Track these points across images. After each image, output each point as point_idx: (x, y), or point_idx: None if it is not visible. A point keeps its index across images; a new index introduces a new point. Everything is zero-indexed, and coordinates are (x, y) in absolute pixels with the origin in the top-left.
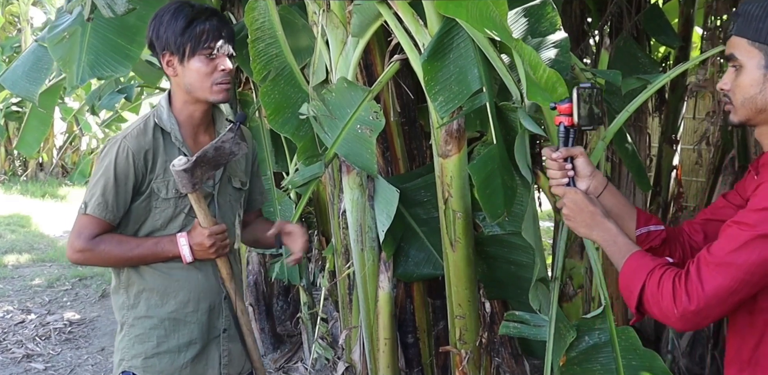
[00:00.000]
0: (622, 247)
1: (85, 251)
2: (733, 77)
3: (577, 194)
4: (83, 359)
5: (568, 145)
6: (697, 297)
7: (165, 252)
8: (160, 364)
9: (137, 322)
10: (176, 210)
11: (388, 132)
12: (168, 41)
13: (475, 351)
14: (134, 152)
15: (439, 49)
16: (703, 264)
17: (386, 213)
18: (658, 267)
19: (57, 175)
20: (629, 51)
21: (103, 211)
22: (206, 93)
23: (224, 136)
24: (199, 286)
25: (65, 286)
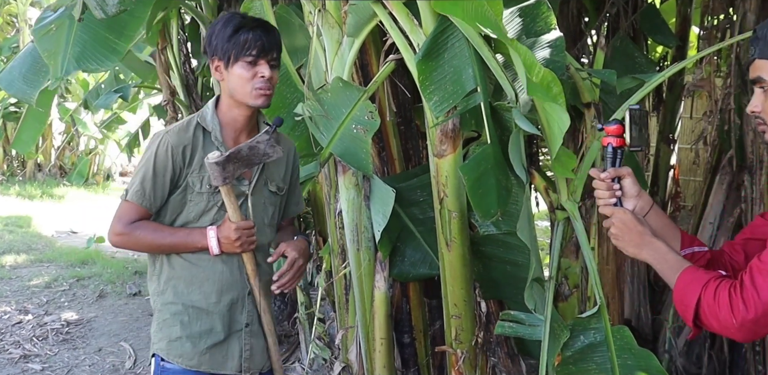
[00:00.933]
0: (674, 264)
1: (123, 235)
2: (763, 99)
3: (626, 214)
4: (80, 360)
5: (616, 165)
6: (755, 305)
7: (195, 242)
8: (181, 347)
9: (164, 308)
10: (209, 204)
11: (383, 132)
12: (216, 47)
13: (471, 351)
14: (173, 146)
15: (434, 49)
16: (756, 272)
17: (382, 213)
18: (712, 279)
19: (55, 176)
20: (626, 51)
21: (140, 198)
22: (246, 97)
23: (260, 137)
24: (223, 278)
25: (63, 287)
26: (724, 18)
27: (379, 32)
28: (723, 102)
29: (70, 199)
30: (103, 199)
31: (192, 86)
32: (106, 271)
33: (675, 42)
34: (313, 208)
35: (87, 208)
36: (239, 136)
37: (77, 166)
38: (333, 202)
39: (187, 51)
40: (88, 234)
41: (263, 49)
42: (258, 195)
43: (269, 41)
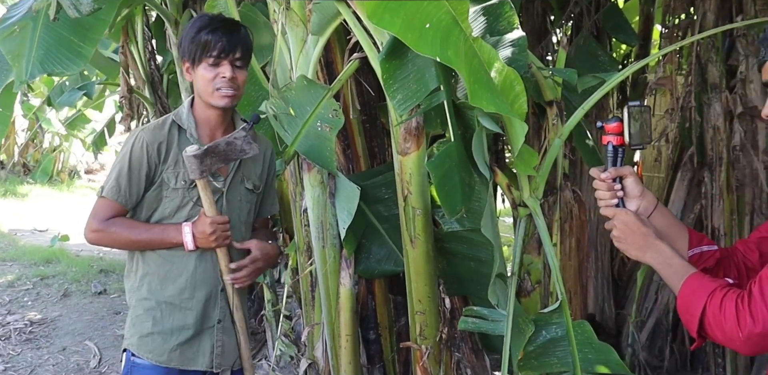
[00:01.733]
0: (679, 270)
1: (99, 231)
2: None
3: (628, 215)
4: (44, 359)
5: (617, 164)
6: (763, 318)
7: (170, 238)
8: (152, 343)
9: (138, 304)
10: (184, 200)
11: (348, 129)
12: (184, 49)
13: (436, 346)
14: (149, 143)
15: (397, 48)
16: (765, 283)
17: (347, 210)
18: (719, 288)
19: (18, 173)
20: (589, 49)
21: (116, 195)
22: (209, 98)
23: (237, 133)
24: (197, 275)
25: (26, 286)
26: (685, 17)
27: (343, 31)
28: (684, 100)
29: (33, 197)
30: (68, 197)
31: (157, 83)
32: (70, 270)
33: (637, 41)
34: (279, 205)
35: (51, 206)
36: (214, 133)
37: (41, 163)
38: (299, 199)
39: (152, 48)
40: (52, 232)
41: (224, 49)
42: (234, 192)
43: (231, 41)
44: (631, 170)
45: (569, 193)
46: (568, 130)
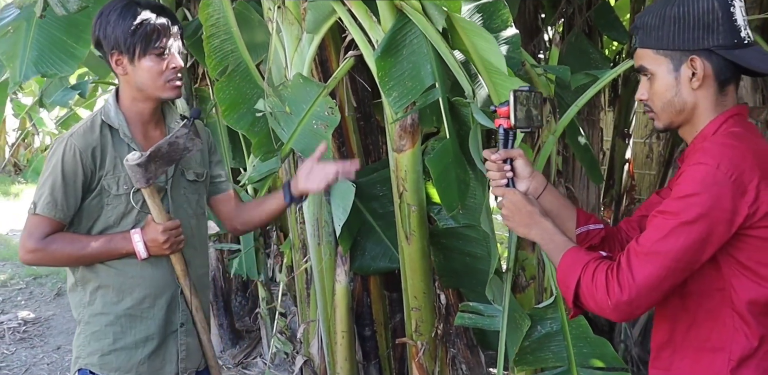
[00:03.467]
0: (559, 244)
1: (37, 251)
2: (648, 86)
3: (516, 195)
4: (38, 358)
5: (508, 146)
6: (629, 287)
7: (119, 249)
8: (116, 360)
9: (93, 320)
10: (128, 206)
11: (343, 127)
12: (117, 41)
13: (431, 342)
14: (81, 150)
15: (393, 46)
16: (632, 255)
17: (342, 207)
18: (591, 261)
19: (9, 173)
20: (580, 47)
21: (52, 211)
22: (158, 91)
23: (178, 131)
24: (155, 282)
25: (19, 285)
26: None
27: (338, 29)
28: None
29: (25, 197)
30: None
31: None
32: (63, 269)
33: (628, 38)
34: None
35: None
36: (147, 128)
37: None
38: None
39: None
40: None
41: (171, 38)
42: (177, 188)
43: (177, 29)
44: (520, 152)
45: (563, 189)
46: (562, 127)
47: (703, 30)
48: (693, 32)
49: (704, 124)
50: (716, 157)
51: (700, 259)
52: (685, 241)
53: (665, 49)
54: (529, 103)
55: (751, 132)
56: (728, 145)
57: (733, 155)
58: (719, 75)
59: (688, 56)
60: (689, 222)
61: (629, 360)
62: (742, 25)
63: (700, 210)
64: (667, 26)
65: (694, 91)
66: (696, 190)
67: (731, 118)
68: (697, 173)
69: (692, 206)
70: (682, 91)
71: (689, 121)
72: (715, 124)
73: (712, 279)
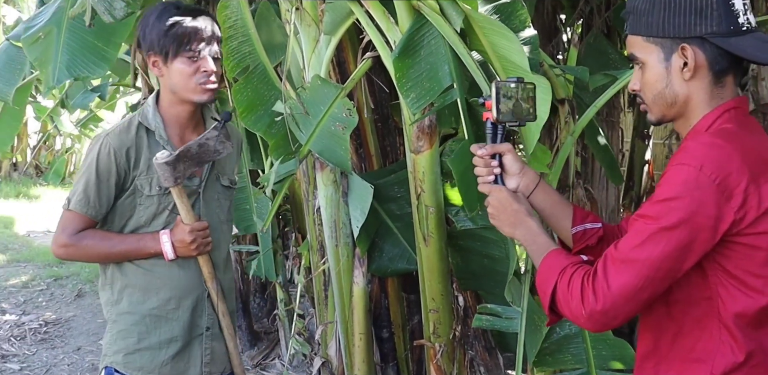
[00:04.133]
0: (542, 246)
1: (69, 246)
2: (639, 76)
3: (502, 192)
4: (59, 359)
5: (496, 141)
6: (603, 296)
7: (147, 248)
8: (140, 360)
9: (120, 318)
10: (159, 207)
11: (361, 129)
12: (153, 42)
13: (449, 344)
14: (116, 149)
15: (410, 46)
16: (609, 261)
17: (360, 209)
18: (569, 266)
19: (31, 175)
20: (599, 47)
21: (84, 207)
22: (189, 93)
23: (208, 133)
24: (181, 283)
25: (40, 287)
26: None
27: (355, 30)
28: None
29: (46, 199)
30: None
31: None
32: (83, 271)
33: None
34: (291, 205)
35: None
36: (185, 132)
37: (53, 165)
38: (311, 198)
39: None
40: None
41: (203, 42)
42: (210, 192)
43: (209, 33)
44: (509, 147)
45: (581, 190)
46: (580, 128)
47: (696, 15)
48: (684, 18)
49: (698, 118)
50: (699, 158)
51: (681, 267)
52: (665, 248)
53: (655, 37)
54: (517, 95)
55: (747, 128)
56: (713, 145)
57: (718, 156)
58: (714, 65)
59: (678, 44)
60: (669, 228)
61: None
62: (740, 9)
63: (681, 215)
64: (657, 11)
65: (686, 82)
66: (677, 194)
67: (727, 112)
68: (678, 175)
69: (673, 211)
70: (673, 82)
71: (682, 114)
72: (709, 119)
73: (698, 287)
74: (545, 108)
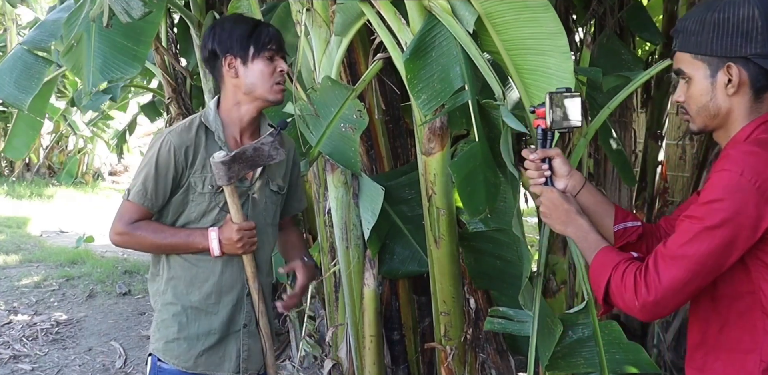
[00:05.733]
0: (593, 244)
1: (124, 234)
2: (685, 89)
3: (553, 193)
4: (70, 359)
5: (546, 146)
6: (655, 288)
7: (196, 243)
8: (178, 349)
9: (164, 308)
10: (210, 205)
11: (372, 130)
12: (232, 44)
13: (460, 347)
14: (176, 146)
15: (422, 47)
16: (659, 257)
17: (371, 211)
18: (622, 261)
19: (44, 175)
20: (613, 48)
21: (142, 199)
22: (266, 92)
23: (264, 138)
24: (223, 279)
25: (52, 287)
26: None
27: (366, 31)
28: None
29: (59, 199)
30: (92, 199)
31: (181, 85)
32: (95, 271)
33: (661, 39)
34: None
35: (76, 207)
36: (242, 136)
37: (66, 165)
38: (322, 200)
39: (175, 50)
40: (77, 234)
41: (280, 44)
42: (260, 195)
43: (281, 38)
44: (558, 151)
45: None
46: (593, 130)
47: (742, 37)
48: (731, 39)
49: (737, 129)
50: (740, 164)
51: (725, 263)
52: (709, 245)
53: (703, 55)
54: (564, 104)
55: None
56: (752, 153)
57: (757, 162)
58: (755, 83)
59: (725, 63)
60: (713, 227)
61: (662, 365)
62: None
63: (724, 215)
64: (707, 32)
65: (729, 97)
66: (720, 196)
67: (764, 124)
68: (721, 180)
69: (716, 212)
70: (717, 96)
71: (723, 125)
72: (747, 130)
73: (741, 282)
74: None
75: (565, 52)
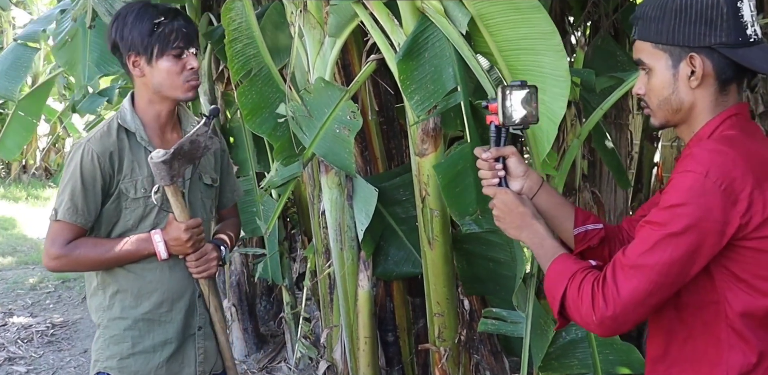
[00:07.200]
0: (549, 250)
1: (61, 257)
2: (646, 81)
3: (507, 195)
4: (65, 362)
5: (500, 144)
6: (614, 302)
7: (140, 250)
8: (135, 364)
9: (112, 324)
10: (146, 209)
11: (366, 131)
12: (134, 42)
13: (454, 348)
14: (99, 154)
15: (415, 49)
16: (618, 267)
17: (365, 212)
18: (579, 271)
19: (40, 177)
20: (608, 49)
21: (73, 216)
22: (176, 91)
23: (198, 129)
24: (172, 286)
25: (48, 289)
26: None
27: (360, 32)
28: None
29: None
30: None
31: None
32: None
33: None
34: (298, 207)
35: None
36: (164, 131)
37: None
38: (316, 201)
39: None
40: None
41: (188, 40)
42: (194, 191)
43: (191, 31)
44: (513, 150)
45: (588, 193)
46: (587, 131)
47: (705, 25)
48: (694, 27)
49: (701, 124)
50: (705, 165)
51: (689, 272)
52: (672, 253)
53: (664, 44)
54: (521, 99)
55: (749, 133)
56: (718, 151)
57: (723, 162)
58: (720, 74)
59: (687, 53)
60: (676, 234)
61: None
62: (749, 21)
63: (688, 221)
64: (668, 19)
65: (692, 90)
66: (683, 200)
67: (729, 119)
68: (684, 182)
69: (679, 217)
70: (679, 89)
71: (686, 120)
72: (711, 126)
73: (706, 291)
74: (562, 103)
75: (560, 50)
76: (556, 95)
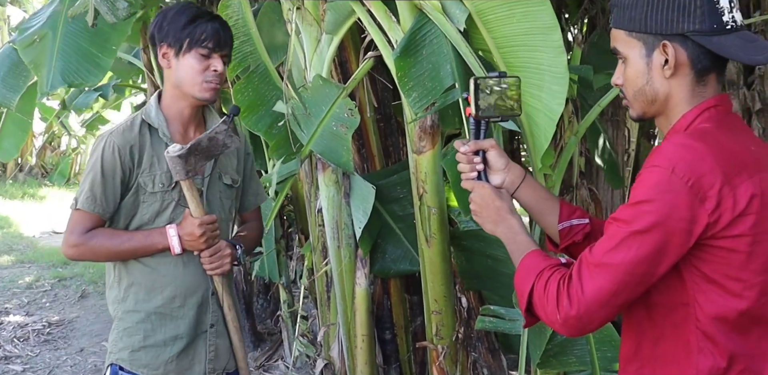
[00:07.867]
0: (521, 245)
1: (79, 245)
2: (622, 71)
3: (484, 188)
4: (62, 360)
5: (479, 137)
6: (578, 301)
7: (155, 244)
8: (145, 357)
9: (125, 316)
10: (163, 203)
11: (363, 129)
12: (168, 34)
13: (452, 346)
14: (120, 147)
15: (412, 46)
16: (584, 265)
17: (362, 210)
18: (547, 268)
19: (36, 176)
20: (604, 46)
21: (92, 205)
22: (194, 89)
23: (218, 127)
24: (185, 281)
25: (45, 288)
26: None
27: (357, 29)
28: None
29: (51, 200)
30: None
31: None
32: (87, 272)
33: None
34: (294, 205)
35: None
36: (187, 130)
37: (59, 166)
38: (313, 199)
39: None
40: None
41: (219, 42)
42: (213, 190)
43: (225, 36)
44: (492, 143)
45: (585, 191)
46: (584, 128)
47: (678, 12)
48: (666, 14)
49: (678, 116)
50: (672, 160)
51: (655, 272)
52: (638, 252)
53: (637, 32)
54: (498, 90)
55: (728, 127)
56: (686, 146)
57: (691, 157)
58: (696, 63)
59: (660, 41)
60: (641, 231)
61: None
62: (726, 7)
63: (653, 219)
64: (641, 5)
65: (666, 79)
66: (648, 197)
67: (707, 111)
68: (651, 178)
69: (644, 214)
70: (654, 79)
71: (663, 112)
72: (688, 118)
73: (676, 292)
74: (560, 100)
75: (558, 47)
76: (555, 92)
